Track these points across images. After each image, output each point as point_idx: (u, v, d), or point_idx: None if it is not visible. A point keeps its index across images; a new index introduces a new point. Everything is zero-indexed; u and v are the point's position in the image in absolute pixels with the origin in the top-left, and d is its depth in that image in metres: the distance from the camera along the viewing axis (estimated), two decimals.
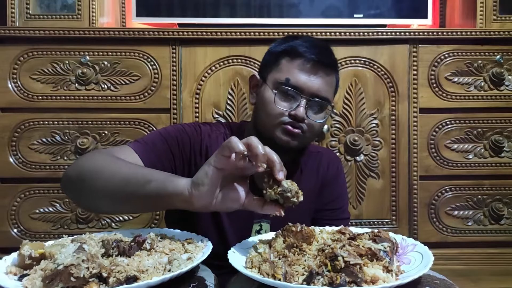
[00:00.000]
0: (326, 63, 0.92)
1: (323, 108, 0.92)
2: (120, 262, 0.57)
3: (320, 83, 0.90)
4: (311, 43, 0.93)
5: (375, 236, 0.65)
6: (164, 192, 0.67)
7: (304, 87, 0.89)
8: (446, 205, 1.44)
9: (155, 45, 1.40)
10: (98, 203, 0.77)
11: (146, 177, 0.71)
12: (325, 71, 0.91)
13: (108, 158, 0.79)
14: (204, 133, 0.97)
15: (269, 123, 0.91)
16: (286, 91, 0.90)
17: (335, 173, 1.07)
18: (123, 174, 0.73)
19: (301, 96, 0.89)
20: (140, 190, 0.70)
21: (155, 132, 0.95)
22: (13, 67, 1.38)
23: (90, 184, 0.75)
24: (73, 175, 0.79)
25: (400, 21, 1.53)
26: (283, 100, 0.90)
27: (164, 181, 0.68)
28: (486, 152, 1.45)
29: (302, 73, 0.90)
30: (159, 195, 0.68)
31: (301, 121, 0.89)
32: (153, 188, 0.69)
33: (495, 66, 1.44)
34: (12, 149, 1.38)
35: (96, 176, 0.75)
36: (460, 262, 1.43)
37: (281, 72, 0.91)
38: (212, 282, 0.65)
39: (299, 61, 0.90)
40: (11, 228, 1.38)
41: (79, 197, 0.81)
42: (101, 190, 0.74)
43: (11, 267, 0.61)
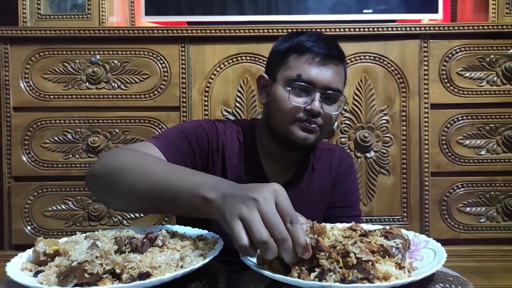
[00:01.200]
0: (335, 54, 0.92)
1: (336, 99, 0.93)
2: (133, 259, 0.57)
3: (331, 75, 0.90)
4: (316, 37, 0.93)
5: (387, 232, 0.64)
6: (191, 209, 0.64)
7: (316, 80, 0.89)
8: (458, 201, 1.43)
9: (164, 43, 1.41)
10: (123, 203, 0.74)
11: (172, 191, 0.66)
12: (334, 62, 0.92)
13: (134, 156, 0.76)
14: (219, 130, 0.97)
15: (284, 121, 0.91)
16: (299, 87, 0.90)
17: (347, 170, 1.07)
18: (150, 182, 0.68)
19: (314, 90, 0.89)
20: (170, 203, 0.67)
21: (174, 129, 0.95)
22: (25, 67, 1.40)
23: (116, 183, 0.71)
24: (99, 172, 0.75)
25: (410, 16, 1.51)
26: (297, 96, 0.90)
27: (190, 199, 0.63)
28: (498, 148, 1.43)
29: (312, 67, 0.90)
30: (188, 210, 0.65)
31: (317, 115, 0.89)
32: (181, 203, 0.65)
33: (507, 60, 1.41)
34: (25, 148, 1.40)
35: (123, 175, 0.71)
36: (472, 259, 1.41)
37: (291, 69, 0.91)
38: (224, 279, 0.65)
39: (308, 55, 0.91)
40: (24, 226, 1.41)
41: (104, 195, 0.77)
42: (128, 192, 0.70)
43: (26, 264, 0.62)
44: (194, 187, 0.64)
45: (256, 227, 0.53)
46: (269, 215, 0.54)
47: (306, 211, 0.87)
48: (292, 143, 0.92)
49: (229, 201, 0.58)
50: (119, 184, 0.71)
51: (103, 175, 0.74)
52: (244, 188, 0.59)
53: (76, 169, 1.41)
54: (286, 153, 0.97)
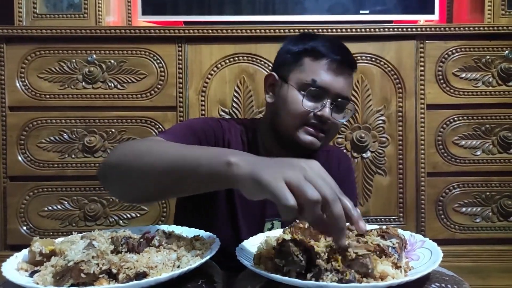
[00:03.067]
0: (350, 64, 0.93)
1: (344, 107, 0.94)
2: (130, 259, 0.57)
3: (343, 83, 0.91)
4: (332, 43, 0.93)
5: (383, 232, 0.64)
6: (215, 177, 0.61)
7: (329, 87, 0.89)
8: (454, 201, 1.43)
9: (161, 43, 1.40)
10: (140, 187, 0.71)
11: (194, 162, 0.64)
12: (348, 71, 0.93)
13: (150, 142, 0.75)
14: (225, 127, 0.97)
15: (292, 123, 0.91)
16: (313, 92, 0.89)
17: (346, 172, 1.07)
18: (171, 156, 0.67)
19: (327, 97, 0.89)
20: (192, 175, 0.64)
21: (181, 125, 0.95)
22: (20, 66, 1.39)
23: (133, 167, 0.69)
24: (114, 162, 0.73)
25: (407, 17, 1.52)
26: (308, 100, 0.90)
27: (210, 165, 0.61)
28: (494, 149, 1.43)
29: (327, 74, 0.90)
30: (211, 179, 0.62)
31: (326, 122, 0.89)
32: (204, 172, 0.62)
33: (503, 61, 1.42)
34: (21, 148, 1.40)
35: (140, 159, 0.69)
36: (468, 259, 1.42)
37: (305, 72, 0.91)
38: (220, 278, 0.65)
39: (324, 61, 0.90)
40: (20, 226, 1.40)
41: (120, 183, 0.74)
42: (146, 174, 0.68)
43: (22, 264, 0.61)
44: (217, 154, 0.62)
45: (308, 187, 0.51)
46: (317, 179, 0.52)
47: None
48: (297, 146, 0.92)
49: (262, 165, 0.56)
50: (137, 168, 0.69)
51: (119, 164, 0.72)
52: (279, 159, 0.58)
53: (72, 169, 1.40)
54: (288, 153, 0.97)
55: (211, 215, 0.95)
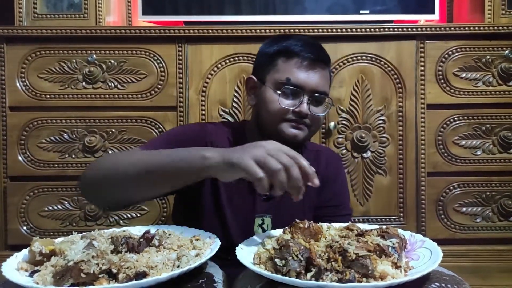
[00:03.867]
0: (322, 59, 0.96)
1: (323, 101, 0.97)
2: (129, 258, 0.57)
3: (318, 79, 0.94)
4: (304, 42, 0.97)
5: (383, 232, 0.65)
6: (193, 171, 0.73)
7: (304, 84, 0.93)
8: (454, 201, 1.43)
9: (161, 43, 1.40)
10: (123, 193, 0.79)
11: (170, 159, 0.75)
12: (321, 66, 0.96)
13: (126, 153, 0.83)
14: (209, 130, 1.00)
15: (273, 121, 0.94)
16: (289, 90, 0.93)
17: (335, 171, 1.09)
18: (144, 160, 0.77)
19: (303, 93, 0.93)
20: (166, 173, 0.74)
21: (161, 135, 1.01)
22: (21, 67, 1.39)
23: (114, 174, 0.77)
24: (94, 172, 0.81)
25: (407, 17, 1.52)
26: (285, 98, 0.94)
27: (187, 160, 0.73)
28: (494, 148, 1.43)
29: (300, 71, 0.94)
30: (189, 173, 0.74)
31: (305, 117, 0.93)
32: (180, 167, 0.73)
33: (503, 61, 1.42)
34: (21, 148, 1.40)
35: (120, 166, 0.77)
36: (468, 259, 1.42)
37: (280, 72, 0.95)
38: (221, 278, 0.65)
39: (296, 59, 0.94)
40: (20, 226, 1.40)
41: (101, 192, 0.80)
42: (126, 177, 0.76)
43: (22, 264, 0.61)
44: (191, 151, 0.74)
45: (270, 159, 0.65)
46: (275, 151, 0.67)
47: (295, 211, 0.88)
48: (282, 141, 0.94)
49: (230, 152, 0.70)
50: (115, 173, 0.77)
51: (96, 174, 0.80)
52: (244, 145, 0.71)
53: (73, 169, 1.40)
54: None
55: (199, 213, 0.97)
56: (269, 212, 0.99)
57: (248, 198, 0.98)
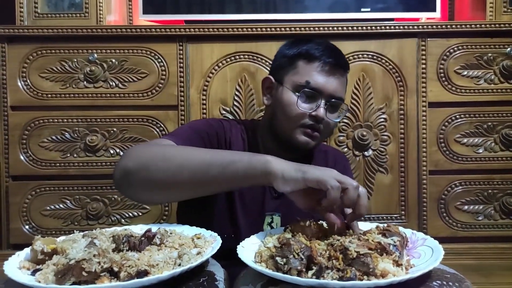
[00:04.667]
0: (342, 65, 0.96)
1: (338, 107, 0.97)
2: (131, 257, 0.57)
3: (336, 84, 0.94)
4: (325, 46, 0.97)
5: (384, 230, 0.64)
6: (252, 172, 0.72)
7: (323, 88, 0.93)
8: (456, 199, 1.43)
9: (162, 42, 1.40)
10: (165, 192, 0.76)
11: (228, 158, 0.74)
12: (341, 72, 0.96)
13: (167, 147, 0.80)
14: (226, 127, 1.00)
15: (289, 125, 0.94)
16: (307, 93, 0.93)
17: (342, 171, 1.07)
18: (201, 159, 0.75)
19: (321, 98, 0.93)
20: (225, 171, 0.73)
21: (185, 127, 0.98)
22: (22, 66, 1.40)
23: (157, 173, 0.74)
24: (133, 168, 0.75)
25: (408, 15, 1.51)
26: (303, 101, 0.93)
27: (249, 161, 0.72)
28: (496, 146, 1.43)
29: (320, 76, 0.93)
30: (246, 175, 0.72)
31: (321, 122, 0.93)
32: (240, 168, 0.72)
33: (505, 58, 1.42)
34: (23, 147, 1.40)
35: (164, 163, 0.74)
36: (470, 257, 1.42)
37: (299, 75, 0.94)
38: (222, 277, 0.65)
39: (317, 63, 0.94)
40: (22, 225, 1.40)
41: (143, 188, 0.76)
42: (172, 177, 0.74)
43: (24, 262, 0.62)
44: (252, 154, 0.74)
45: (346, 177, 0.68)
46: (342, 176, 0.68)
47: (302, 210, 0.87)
48: (293, 146, 0.95)
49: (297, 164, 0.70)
50: (166, 170, 0.74)
51: (139, 170, 0.75)
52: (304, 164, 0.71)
53: (74, 168, 1.41)
54: (286, 154, 0.98)
55: (210, 211, 0.97)
56: (279, 210, 0.99)
57: (259, 196, 0.98)
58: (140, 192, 0.77)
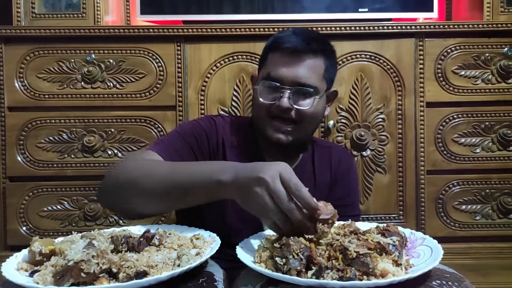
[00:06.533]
0: (304, 49, 0.92)
1: (310, 94, 0.93)
2: (130, 258, 0.57)
3: (299, 71, 0.91)
4: (291, 33, 0.95)
5: (384, 230, 0.64)
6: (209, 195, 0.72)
7: (283, 77, 0.91)
8: (454, 199, 1.43)
9: (160, 42, 1.40)
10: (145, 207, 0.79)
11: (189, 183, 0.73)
12: (304, 57, 0.92)
13: (144, 165, 0.82)
14: (219, 124, 1.00)
15: (258, 118, 0.95)
16: (268, 84, 0.93)
17: (347, 169, 1.07)
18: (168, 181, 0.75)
19: (282, 87, 0.91)
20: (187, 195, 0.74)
21: (173, 132, 0.98)
22: (19, 67, 1.39)
23: (143, 187, 0.76)
24: (122, 180, 0.79)
25: (406, 15, 1.52)
26: (268, 93, 0.93)
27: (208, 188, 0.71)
28: (494, 146, 1.43)
29: (281, 64, 0.92)
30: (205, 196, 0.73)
31: (287, 111, 0.91)
32: (198, 192, 0.73)
33: (502, 58, 1.42)
34: (20, 148, 1.39)
35: (147, 179, 0.77)
36: (468, 257, 1.42)
37: (266, 67, 0.95)
38: (221, 277, 0.65)
39: (279, 53, 0.93)
40: (20, 226, 1.40)
41: (127, 201, 0.79)
42: (147, 196, 0.76)
43: (22, 264, 0.61)
44: (208, 175, 0.71)
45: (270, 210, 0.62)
46: (276, 192, 0.62)
47: None
48: (266, 141, 0.96)
49: (242, 181, 0.66)
50: (138, 191, 0.76)
51: (119, 187, 0.79)
52: (253, 168, 0.66)
53: (72, 169, 1.40)
54: (278, 151, 0.98)
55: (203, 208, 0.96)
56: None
57: None
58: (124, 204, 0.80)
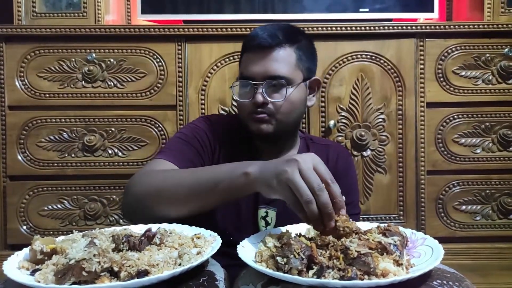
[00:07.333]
0: (270, 43, 0.93)
1: (281, 85, 0.93)
2: (131, 257, 0.57)
3: (268, 64, 0.93)
4: (260, 30, 0.96)
5: (385, 230, 0.64)
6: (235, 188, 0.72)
7: (253, 74, 0.93)
8: (454, 200, 1.43)
9: (161, 42, 1.40)
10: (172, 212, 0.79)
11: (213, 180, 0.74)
12: (270, 51, 0.93)
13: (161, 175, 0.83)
14: (215, 123, 1.02)
15: (242, 118, 0.97)
16: (242, 84, 0.95)
17: (345, 167, 1.07)
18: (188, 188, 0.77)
19: (255, 83, 0.93)
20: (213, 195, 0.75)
21: (174, 139, 0.99)
22: (20, 65, 1.39)
23: (168, 193, 0.78)
24: (144, 191, 0.81)
25: (406, 15, 1.52)
26: (243, 92, 0.95)
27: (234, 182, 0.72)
28: (494, 146, 1.43)
29: (250, 62, 0.94)
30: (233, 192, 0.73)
31: (263, 106, 0.93)
32: (225, 186, 0.73)
33: (503, 59, 1.42)
34: (20, 147, 1.39)
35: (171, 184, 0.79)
36: (468, 257, 1.42)
37: (241, 68, 0.98)
38: (222, 276, 0.65)
39: (250, 52, 0.95)
40: (20, 225, 1.40)
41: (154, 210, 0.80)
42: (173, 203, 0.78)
43: (23, 262, 0.61)
44: (233, 169, 0.72)
45: (303, 189, 0.61)
46: (308, 172, 0.62)
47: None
48: (253, 136, 0.97)
49: (271, 167, 0.66)
50: (164, 198, 0.78)
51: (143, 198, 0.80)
52: (280, 159, 0.68)
53: (72, 168, 1.40)
54: (269, 147, 1.01)
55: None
56: (274, 204, 0.97)
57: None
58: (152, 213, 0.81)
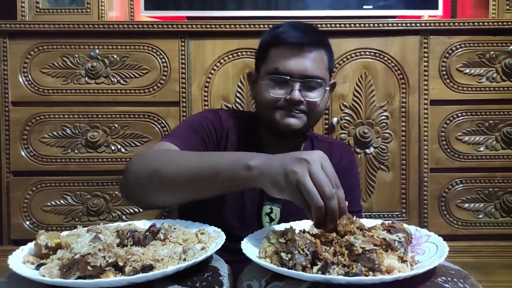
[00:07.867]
0: (309, 42, 0.95)
1: (317, 86, 0.95)
2: (136, 252, 0.57)
3: (306, 63, 0.94)
4: (291, 27, 0.97)
5: (389, 226, 0.65)
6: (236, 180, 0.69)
7: (292, 71, 0.93)
8: (457, 197, 1.43)
9: (164, 38, 1.40)
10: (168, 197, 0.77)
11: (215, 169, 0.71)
12: (310, 49, 0.94)
13: (166, 155, 0.80)
14: (223, 117, 1.02)
15: (266, 111, 0.96)
16: (277, 79, 0.94)
17: (348, 165, 1.07)
18: (193, 166, 0.74)
19: (292, 81, 0.93)
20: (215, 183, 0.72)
21: (181, 126, 0.99)
22: (23, 61, 1.39)
23: (168, 175, 0.75)
24: (144, 170, 0.78)
25: (410, 12, 1.51)
26: (277, 88, 0.94)
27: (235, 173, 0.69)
28: (497, 144, 1.43)
29: (288, 59, 0.93)
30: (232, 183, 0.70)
31: (299, 104, 0.93)
32: (225, 177, 0.70)
33: (507, 57, 1.41)
34: (24, 143, 1.40)
35: (172, 166, 0.75)
36: (471, 255, 1.42)
37: (270, 62, 0.96)
38: (226, 272, 0.65)
39: (283, 47, 0.95)
40: (23, 221, 1.40)
41: (147, 194, 0.78)
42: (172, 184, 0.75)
43: (28, 257, 0.62)
44: (235, 160, 0.69)
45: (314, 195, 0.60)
46: (320, 176, 0.61)
47: None
48: (277, 130, 0.96)
49: (277, 164, 0.63)
50: (163, 180, 0.75)
51: (143, 178, 0.77)
52: (287, 154, 0.65)
53: (75, 164, 1.40)
54: (281, 142, 1.00)
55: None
56: (279, 201, 0.97)
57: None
58: (145, 198, 0.79)
